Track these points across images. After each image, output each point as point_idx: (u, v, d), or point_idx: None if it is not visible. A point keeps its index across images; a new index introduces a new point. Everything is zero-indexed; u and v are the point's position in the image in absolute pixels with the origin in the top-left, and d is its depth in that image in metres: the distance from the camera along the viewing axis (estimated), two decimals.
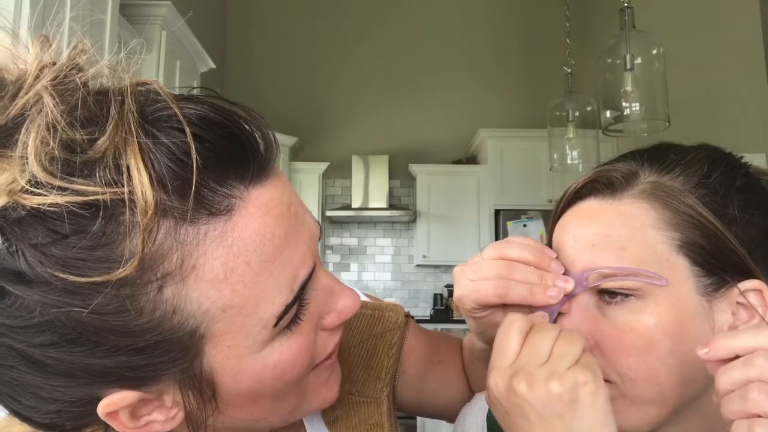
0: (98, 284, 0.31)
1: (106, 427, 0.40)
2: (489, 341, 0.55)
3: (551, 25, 4.83)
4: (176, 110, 0.34)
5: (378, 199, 5.02)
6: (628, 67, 2.12)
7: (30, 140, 0.30)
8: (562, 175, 4.09)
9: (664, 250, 0.49)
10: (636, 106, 2.13)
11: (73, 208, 0.31)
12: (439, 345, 0.74)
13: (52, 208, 0.30)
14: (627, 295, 0.49)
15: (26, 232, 0.31)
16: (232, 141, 0.36)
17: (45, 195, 0.30)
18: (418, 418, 2.32)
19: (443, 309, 5.09)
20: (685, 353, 0.48)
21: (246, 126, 0.38)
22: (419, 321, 4.35)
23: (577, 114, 2.92)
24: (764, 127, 3.97)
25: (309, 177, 5.08)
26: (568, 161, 2.97)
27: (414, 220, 5.15)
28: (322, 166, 5.09)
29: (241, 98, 0.47)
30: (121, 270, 0.31)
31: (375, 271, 5.36)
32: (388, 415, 0.58)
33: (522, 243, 0.52)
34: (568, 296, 0.51)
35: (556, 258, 0.53)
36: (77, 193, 0.31)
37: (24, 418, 0.37)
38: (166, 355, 0.35)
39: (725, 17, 4.13)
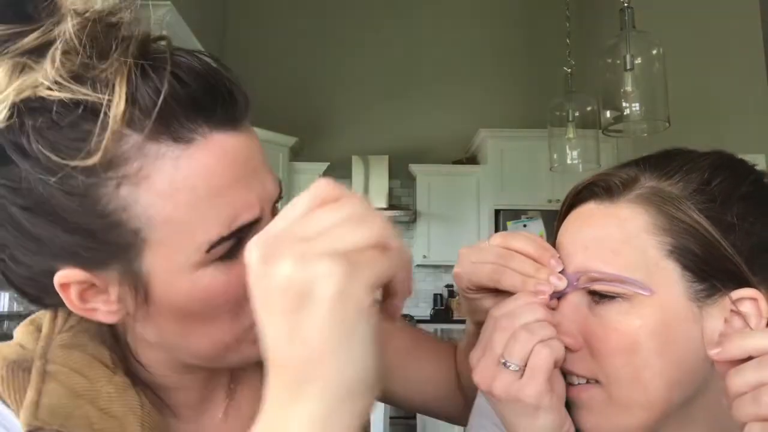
0: (73, 168, 0.39)
1: (69, 313, 0.49)
2: (478, 324, 0.58)
3: (551, 25, 4.82)
4: (168, 56, 0.42)
5: (378, 199, 5.01)
6: (628, 67, 2.11)
7: (56, 56, 0.40)
8: (562, 175, 4.09)
9: (654, 254, 0.49)
10: (636, 106, 2.12)
11: (69, 104, 0.39)
12: (420, 341, 0.77)
13: (53, 99, 0.39)
14: (614, 296, 0.50)
15: (34, 117, 0.39)
16: (208, 90, 0.42)
17: (53, 91, 0.39)
18: (418, 418, 2.32)
19: (443, 309, 5.09)
20: (672, 356, 0.48)
21: (225, 83, 0.44)
22: (419, 321, 4.32)
23: (577, 114, 2.92)
24: (764, 127, 3.97)
25: (309, 177, 5.07)
26: (568, 161, 2.96)
27: (414, 220, 5.15)
28: (322, 166, 5.09)
29: None
30: (91, 159, 0.39)
31: None
32: None
33: (528, 236, 0.54)
34: (558, 294, 0.52)
35: (559, 257, 0.54)
36: (71, 92, 0.39)
37: (7, 279, 0.45)
38: (113, 245, 0.41)
39: (725, 17, 4.13)
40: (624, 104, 2.14)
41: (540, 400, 0.48)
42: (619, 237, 0.50)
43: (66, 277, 0.43)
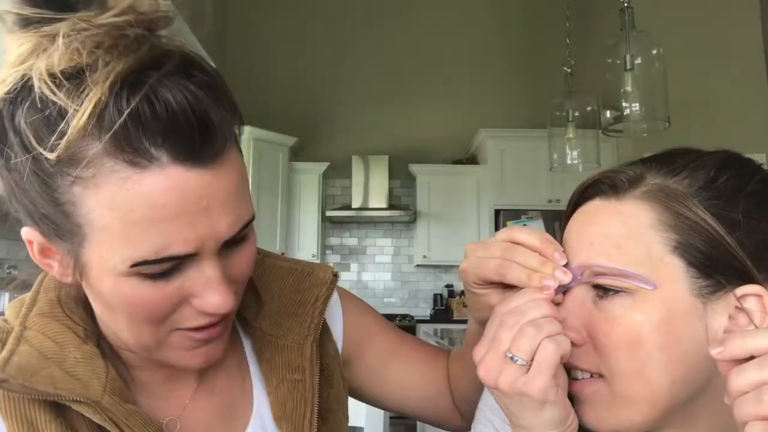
0: (41, 155, 0.43)
1: (52, 288, 0.56)
2: (481, 323, 0.61)
3: (551, 25, 4.82)
4: (153, 81, 0.43)
5: (378, 199, 5.02)
6: (628, 67, 2.11)
7: (64, 49, 0.43)
8: (562, 175, 4.09)
9: (659, 250, 0.50)
10: (636, 106, 2.12)
11: (46, 98, 0.42)
12: (404, 344, 0.78)
13: (44, 97, 0.43)
14: (618, 291, 0.50)
15: (28, 96, 0.43)
16: (178, 125, 0.43)
17: (42, 83, 0.42)
18: None
19: (443, 309, 5.09)
20: (676, 351, 0.49)
21: (203, 120, 0.44)
22: (419, 321, 4.33)
23: (577, 114, 2.92)
24: (764, 127, 3.97)
25: (309, 177, 5.08)
26: (568, 161, 2.96)
27: (414, 220, 5.15)
28: (322, 166, 5.09)
29: (240, 98, 0.49)
30: (54, 152, 0.42)
31: (375, 271, 5.36)
32: (311, 361, 0.63)
33: (532, 231, 0.55)
34: (563, 288, 0.53)
35: (563, 251, 0.54)
36: (51, 91, 0.42)
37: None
38: (62, 228, 0.46)
39: (725, 17, 4.13)
40: (624, 104, 2.14)
41: (546, 395, 0.49)
42: (623, 233, 0.51)
43: (29, 234, 0.49)
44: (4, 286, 1.92)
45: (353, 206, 5.02)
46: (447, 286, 5.22)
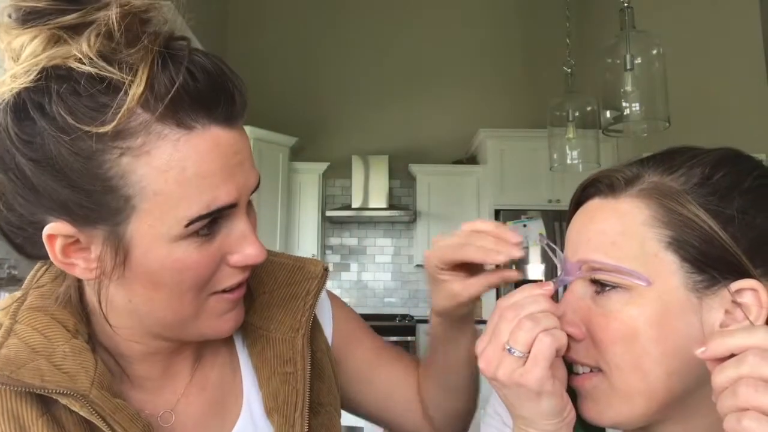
0: (85, 132, 0.44)
1: (43, 285, 0.57)
2: (442, 314, 0.67)
3: (551, 25, 4.82)
4: (186, 53, 0.48)
5: (378, 199, 5.01)
6: (628, 67, 2.11)
7: (92, 36, 0.46)
8: (562, 175, 4.09)
9: (653, 246, 0.51)
10: (636, 106, 2.12)
11: (94, 78, 0.45)
12: (386, 350, 0.79)
13: (81, 71, 0.45)
14: (615, 286, 0.52)
15: (60, 83, 0.45)
16: (215, 89, 0.49)
17: (82, 65, 0.45)
18: None
19: None
20: (671, 345, 0.50)
21: (230, 86, 0.50)
22: (419, 321, 4.31)
23: (577, 114, 2.92)
24: (764, 127, 3.97)
25: (309, 177, 5.08)
26: (568, 161, 2.96)
27: (414, 220, 5.15)
28: (322, 166, 5.09)
29: None
30: (103, 127, 0.44)
31: (375, 271, 5.36)
32: (302, 354, 0.65)
33: (488, 221, 0.61)
34: (563, 283, 0.56)
35: (517, 234, 0.59)
36: (99, 68, 0.45)
37: None
38: (105, 207, 0.47)
39: (725, 17, 4.13)
40: (624, 104, 2.14)
41: (542, 386, 0.50)
42: (618, 230, 0.53)
43: (55, 228, 0.48)
44: (4, 286, 1.92)
45: (353, 206, 5.02)
46: None
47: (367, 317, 5.21)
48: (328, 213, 5.00)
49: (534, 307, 0.52)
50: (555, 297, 0.54)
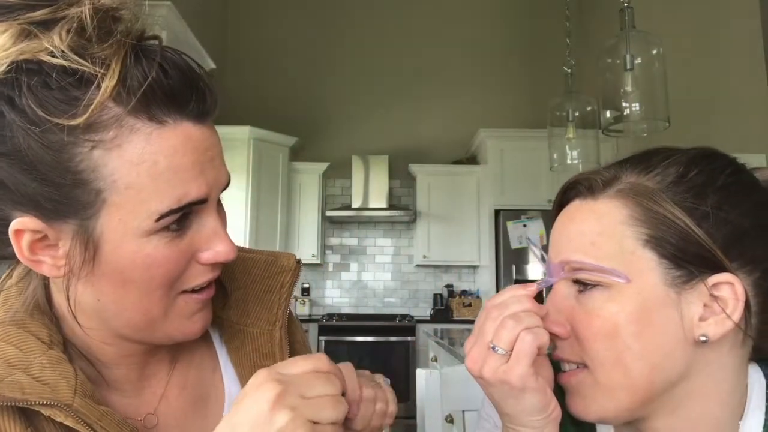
0: (56, 125, 0.45)
1: (13, 295, 0.56)
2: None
3: (551, 25, 4.83)
4: (159, 50, 0.48)
5: (378, 199, 5.02)
6: (628, 67, 2.11)
7: (63, 30, 0.46)
8: (562, 175, 4.09)
9: (630, 244, 0.53)
10: (636, 106, 2.12)
11: (66, 71, 0.45)
12: None
13: (53, 64, 0.45)
14: (596, 285, 0.54)
15: (30, 76, 0.45)
16: (187, 85, 0.49)
17: (54, 57, 0.45)
18: (418, 418, 2.31)
19: (443, 309, 5.09)
20: (652, 340, 0.52)
21: (201, 83, 0.51)
22: (419, 321, 4.33)
23: (577, 114, 2.92)
24: (764, 127, 3.97)
25: (309, 177, 5.08)
26: (568, 161, 2.97)
27: (414, 220, 5.15)
28: (322, 166, 5.09)
29: (240, 98, 0.57)
30: (75, 120, 0.45)
31: (375, 271, 5.36)
32: (280, 346, 0.66)
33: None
34: (547, 284, 0.58)
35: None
36: (71, 61, 0.45)
37: None
38: (75, 201, 0.47)
39: (725, 17, 4.13)
40: (624, 104, 2.14)
41: (525, 382, 0.52)
42: (597, 230, 0.55)
43: (22, 223, 0.48)
44: None
45: (353, 206, 5.02)
46: (447, 286, 5.21)
47: (367, 317, 5.22)
48: (328, 213, 5.00)
49: (517, 307, 0.54)
50: (541, 298, 0.56)
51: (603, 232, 0.54)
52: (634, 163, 0.57)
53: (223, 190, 0.55)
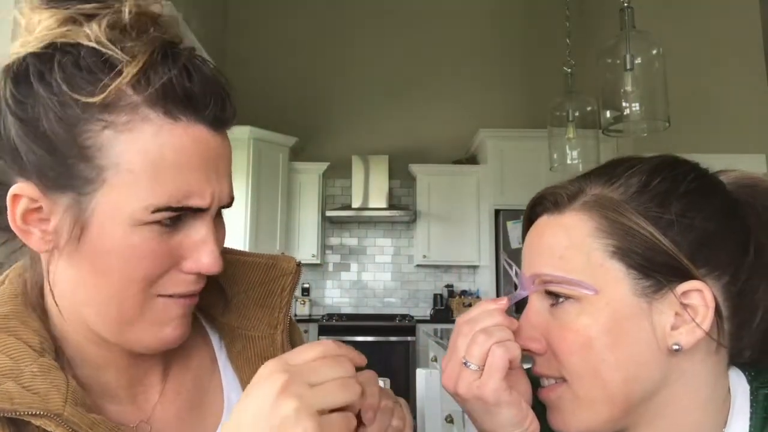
0: (74, 100, 0.47)
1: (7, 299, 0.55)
2: None
3: (551, 25, 4.83)
4: (188, 54, 0.50)
5: (378, 199, 5.02)
6: (628, 67, 2.11)
7: (103, 20, 0.49)
8: (562, 175, 4.08)
9: (598, 256, 0.53)
10: (636, 106, 2.12)
11: (96, 54, 0.48)
12: None
13: (86, 47, 0.48)
14: (567, 298, 0.54)
15: (63, 55, 0.48)
16: (208, 91, 0.50)
17: (89, 41, 0.48)
18: (418, 418, 2.32)
19: (443, 309, 5.09)
20: (625, 350, 0.52)
21: (223, 92, 0.52)
22: (419, 321, 4.34)
23: (577, 114, 2.92)
24: (764, 127, 3.97)
25: (309, 177, 5.08)
26: (568, 161, 2.97)
27: (414, 220, 5.15)
28: (322, 166, 5.09)
29: (240, 98, 0.54)
30: (93, 98, 0.47)
31: (375, 271, 5.36)
32: (282, 349, 0.65)
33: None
34: (518, 298, 0.58)
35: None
36: (102, 45, 0.48)
37: None
38: (77, 174, 0.48)
39: (725, 17, 4.13)
40: (624, 104, 2.14)
41: (499, 396, 0.52)
42: (565, 244, 0.55)
43: (21, 189, 0.49)
44: None
45: (353, 206, 5.02)
46: (447, 286, 5.21)
47: (367, 317, 5.22)
48: (328, 213, 5.00)
49: (488, 321, 0.54)
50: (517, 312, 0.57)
51: (571, 245, 0.55)
52: (598, 175, 0.58)
53: (225, 206, 0.54)
